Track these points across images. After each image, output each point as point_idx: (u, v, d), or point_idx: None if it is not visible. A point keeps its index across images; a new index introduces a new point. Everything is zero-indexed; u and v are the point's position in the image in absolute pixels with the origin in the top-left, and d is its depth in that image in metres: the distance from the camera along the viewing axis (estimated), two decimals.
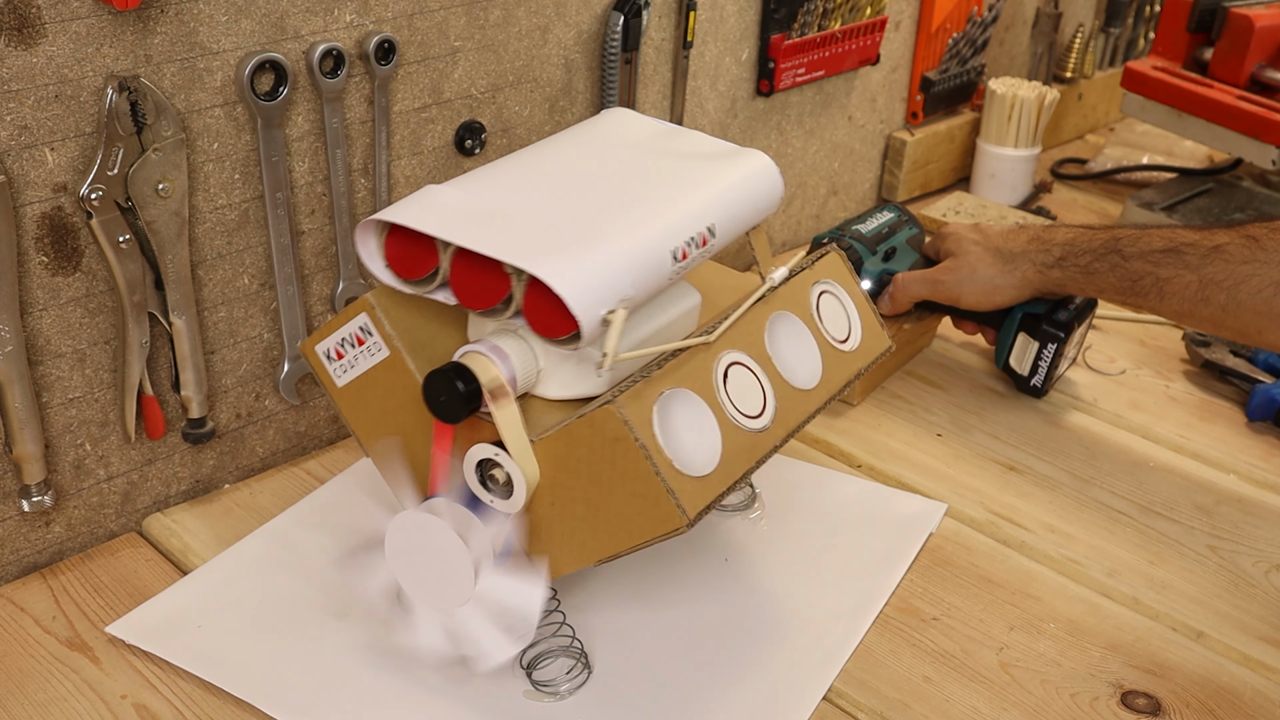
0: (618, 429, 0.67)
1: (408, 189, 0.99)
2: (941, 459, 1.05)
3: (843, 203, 1.49)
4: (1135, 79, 1.49)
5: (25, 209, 0.78)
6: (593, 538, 0.71)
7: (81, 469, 0.88)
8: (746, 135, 1.30)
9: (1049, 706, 0.80)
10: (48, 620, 0.83)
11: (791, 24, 1.26)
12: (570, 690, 0.78)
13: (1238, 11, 1.43)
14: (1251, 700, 0.82)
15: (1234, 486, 1.04)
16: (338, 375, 0.77)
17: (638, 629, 0.84)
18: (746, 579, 0.89)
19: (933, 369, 1.19)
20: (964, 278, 1.08)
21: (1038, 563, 0.94)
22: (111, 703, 0.77)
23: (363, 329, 0.74)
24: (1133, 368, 1.21)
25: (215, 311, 0.91)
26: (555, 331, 0.68)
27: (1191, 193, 1.52)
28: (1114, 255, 1.01)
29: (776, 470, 1.01)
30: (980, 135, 1.56)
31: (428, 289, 0.72)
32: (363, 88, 0.92)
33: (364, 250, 0.72)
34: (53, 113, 0.77)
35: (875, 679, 0.81)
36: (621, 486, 0.68)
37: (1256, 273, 0.93)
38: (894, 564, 0.91)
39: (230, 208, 0.88)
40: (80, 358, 0.84)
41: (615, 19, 1.07)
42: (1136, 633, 0.87)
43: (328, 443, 1.03)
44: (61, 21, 0.75)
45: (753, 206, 0.80)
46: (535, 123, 1.07)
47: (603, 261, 0.68)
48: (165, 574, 0.88)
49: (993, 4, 1.55)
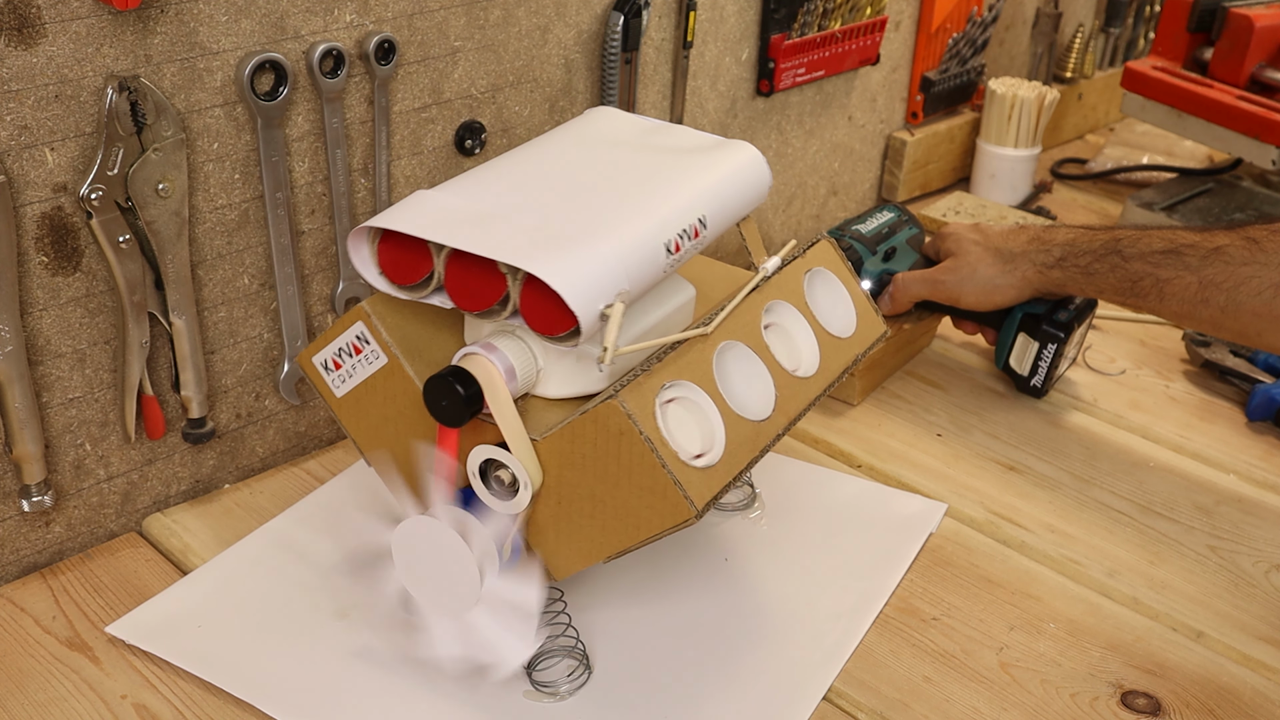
0: (621, 423, 0.67)
1: (408, 189, 0.99)
2: (941, 459, 1.05)
3: (843, 203, 1.49)
4: (1135, 79, 1.49)
5: (25, 209, 0.78)
6: (601, 534, 0.71)
7: (81, 469, 0.88)
8: (746, 135, 1.30)
9: (1049, 706, 0.80)
10: (48, 620, 0.83)
11: (791, 24, 1.26)
12: (570, 691, 0.78)
13: (1238, 11, 1.43)
14: (1251, 700, 0.82)
15: (1234, 486, 1.04)
16: (336, 385, 0.77)
17: (638, 629, 0.84)
18: (746, 579, 0.89)
19: (933, 369, 1.19)
20: (964, 278, 1.08)
21: (1038, 563, 0.94)
22: (111, 703, 0.77)
23: (359, 337, 0.74)
24: (1133, 368, 1.21)
25: (215, 311, 0.91)
26: (553, 329, 0.68)
27: (1191, 193, 1.52)
28: (1114, 256, 1.01)
29: (776, 470, 1.01)
30: (980, 135, 1.56)
31: (423, 293, 0.72)
32: (363, 88, 0.92)
33: (357, 257, 0.72)
34: (53, 113, 0.77)
35: (875, 679, 0.81)
36: (628, 481, 0.68)
37: (1256, 274, 0.93)
38: (894, 564, 0.91)
39: (230, 208, 0.88)
40: (80, 358, 0.84)
41: (615, 19, 1.07)
42: (1136, 633, 0.87)
43: (328, 443, 1.03)
44: (61, 21, 0.75)
45: (742, 198, 0.80)
46: (535, 123, 1.07)
47: (597, 256, 0.68)
48: (165, 574, 0.88)
49: (993, 4, 1.55)
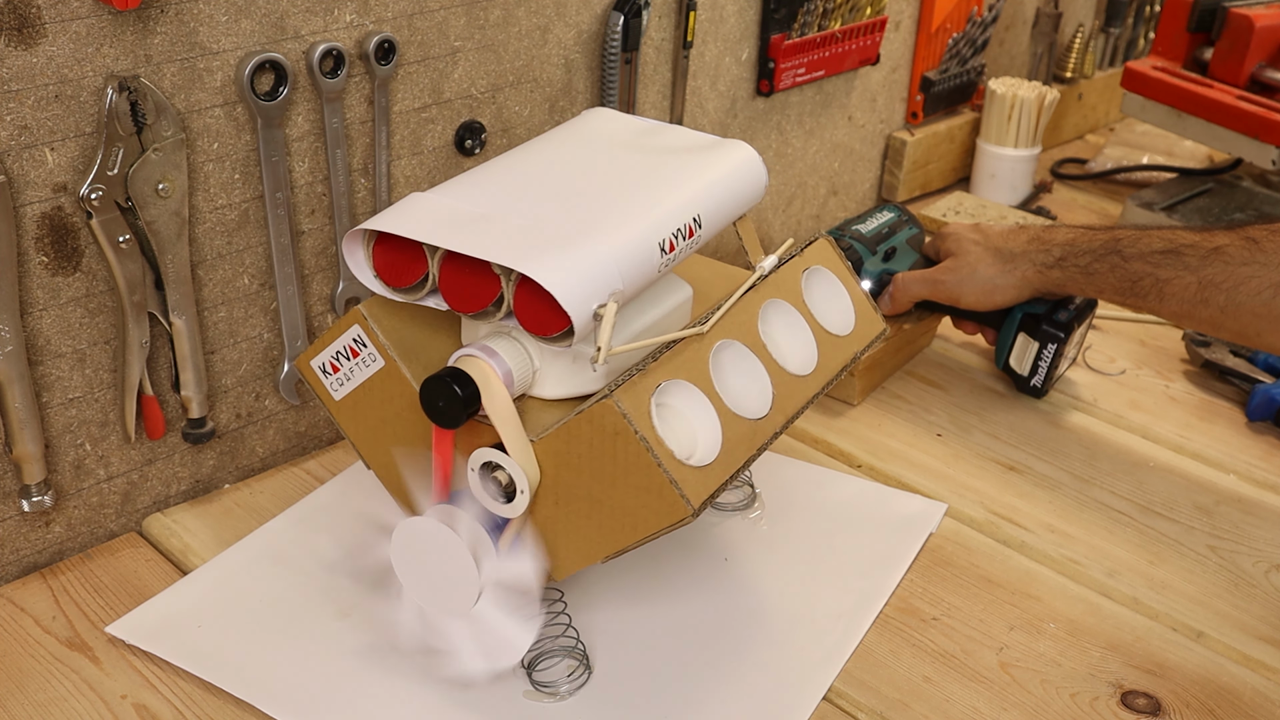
0: (617, 423, 0.67)
1: (408, 189, 0.99)
2: (941, 459, 1.05)
3: (843, 203, 1.49)
4: (1135, 79, 1.49)
5: (25, 209, 0.78)
6: (598, 534, 0.71)
7: (81, 469, 0.88)
8: (746, 135, 1.30)
9: (1049, 706, 0.80)
10: (48, 620, 0.83)
11: (791, 24, 1.26)
12: (570, 691, 0.78)
13: (1238, 11, 1.43)
14: (1251, 700, 0.82)
15: (1234, 486, 1.04)
16: (334, 389, 0.77)
17: (638, 629, 0.84)
18: (746, 579, 0.89)
19: (933, 369, 1.19)
20: (964, 278, 1.08)
21: (1038, 563, 0.94)
22: (111, 703, 0.77)
23: (356, 340, 0.75)
24: (1133, 368, 1.21)
25: (215, 311, 0.91)
26: (548, 329, 0.68)
27: (1191, 193, 1.52)
28: (1114, 256, 1.01)
29: (776, 470, 1.01)
30: (980, 135, 1.56)
31: (418, 295, 0.72)
32: (363, 88, 0.92)
33: (352, 260, 0.73)
34: (53, 113, 0.77)
35: (875, 679, 0.81)
36: (624, 480, 0.69)
37: (1256, 275, 0.93)
38: (894, 564, 0.91)
39: (230, 208, 0.88)
40: (80, 358, 0.84)
41: (615, 19, 1.07)
42: (1136, 633, 0.87)
43: (328, 443, 1.03)
44: (61, 21, 0.75)
45: (738, 197, 0.80)
46: (535, 123, 1.07)
47: (590, 256, 0.68)
48: (165, 574, 0.88)
49: (993, 4, 1.55)
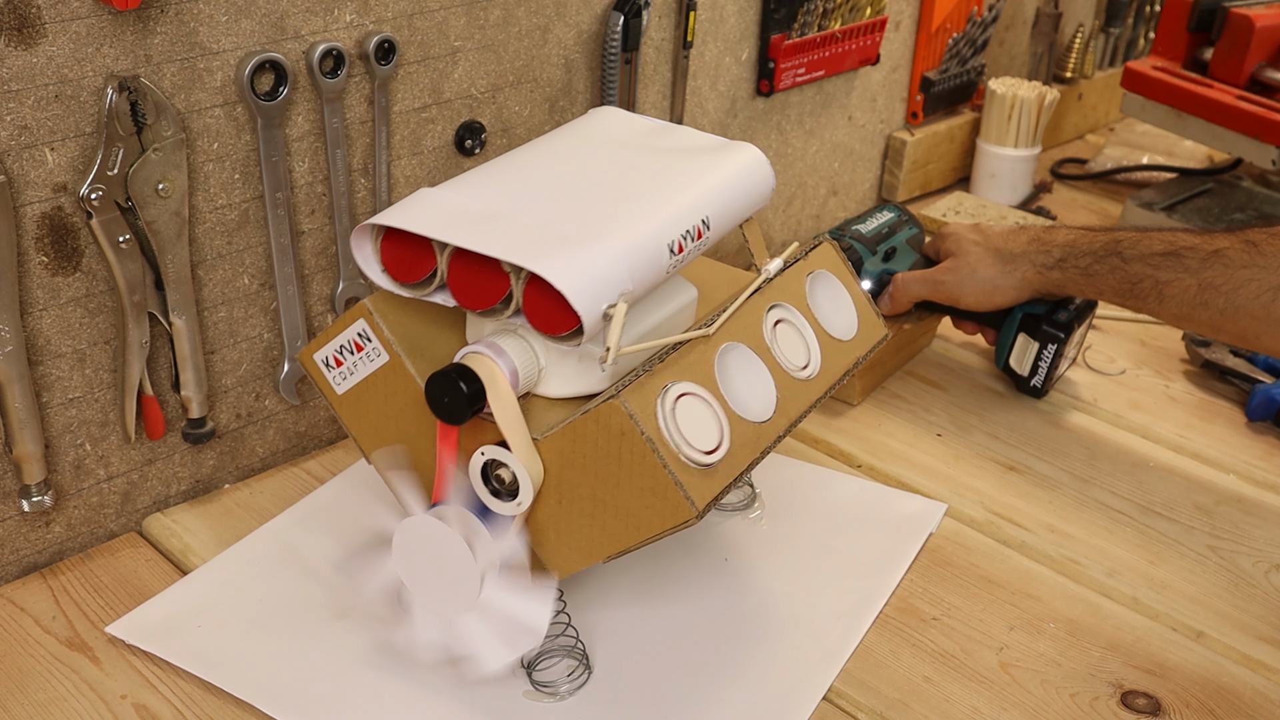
0: (623, 423, 0.67)
1: (408, 189, 0.99)
2: (941, 459, 1.05)
3: (843, 203, 1.49)
4: (1135, 79, 1.49)
5: (25, 209, 0.78)
6: (601, 534, 0.71)
7: (81, 469, 0.88)
8: (746, 135, 1.30)
9: (1049, 706, 0.80)
10: (48, 620, 0.83)
11: (791, 24, 1.26)
12: (570, 691, 0.78)
13: (1238, 11, 1.43)
14: (1251, 700, 0.82)
15: (1234, 486, 1.04)
16: (337, 383, 0.77)
17: (638, 629, 0.84)
18: (747, 579, 0.89)
19: (933, 369, 1.19)
20: (964, 278, 1.08)
21: (1038, 563, 0.94)
22: (111, 703, 0.77)
23: (361, 334, 0.74)
24: (1133, 368, 1.21)
25: (215, 311, 0.91)
26: (556, 328, 0.68)
27: (1191, 193, 1.52)
28: (1114, 257, 1.01)
29: (776, 470, 1.01)
30: (980, 135, 1.56)
31: (426, 291, 0.72)
32: (363, 88, 0.92)
33: (360, 255, 0.72)
34: (53, 113, 0.77)
35: (875, 679, 0.81)
36: (629, 481, 0.68)
37: (1255, 277, 0.93)
38: (894, 564, 0.91)
39: (230, 208, 0.88)
40: (80, 358, 0.84)
41: (615, 19, 1.07)
42: (1136, 633, 0.87)
43: (328, 443, 1.03)
44: (61, 21, 0.75)
45: (745, 199, 0.80)
46: (535, 123, 1.07)
47: (601, 256, 0.68)
48: (165, 574, 0.88)
49: (993, 4, 1.55)
